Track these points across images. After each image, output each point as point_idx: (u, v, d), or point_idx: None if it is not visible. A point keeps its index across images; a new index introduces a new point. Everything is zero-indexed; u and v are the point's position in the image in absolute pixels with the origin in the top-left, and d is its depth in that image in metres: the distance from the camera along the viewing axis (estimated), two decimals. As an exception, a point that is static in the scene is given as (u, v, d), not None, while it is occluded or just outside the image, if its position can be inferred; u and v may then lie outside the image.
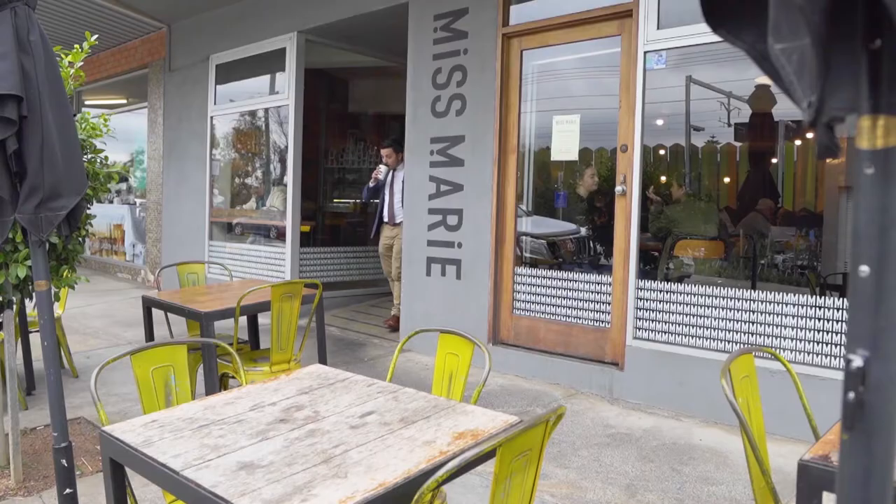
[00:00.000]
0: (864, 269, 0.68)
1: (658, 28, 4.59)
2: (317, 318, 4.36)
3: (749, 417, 2.05)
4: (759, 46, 0.83)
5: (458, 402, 2.02)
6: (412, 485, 1.49)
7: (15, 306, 4.23)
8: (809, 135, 4.45)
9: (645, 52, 4.66)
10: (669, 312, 4.58)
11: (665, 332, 4.59)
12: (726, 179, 5.06)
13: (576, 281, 5.17)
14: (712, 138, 4.88)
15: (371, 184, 7.03)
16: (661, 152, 4.98)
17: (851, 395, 0.72)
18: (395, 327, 6.80)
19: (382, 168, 6.92)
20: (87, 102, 11.94)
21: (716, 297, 4.40)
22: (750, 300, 4.27)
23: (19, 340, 4.72)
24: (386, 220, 6.94)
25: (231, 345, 3.84)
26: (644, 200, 4.77)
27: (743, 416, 1.80)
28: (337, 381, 2.27)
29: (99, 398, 2.09)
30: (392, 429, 1.82)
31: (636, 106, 4.69)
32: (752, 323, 4.26)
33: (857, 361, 0.70)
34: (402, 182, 6.62)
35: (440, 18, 5.83)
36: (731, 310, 4.34)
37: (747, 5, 0.83)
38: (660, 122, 4.90)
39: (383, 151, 6.98)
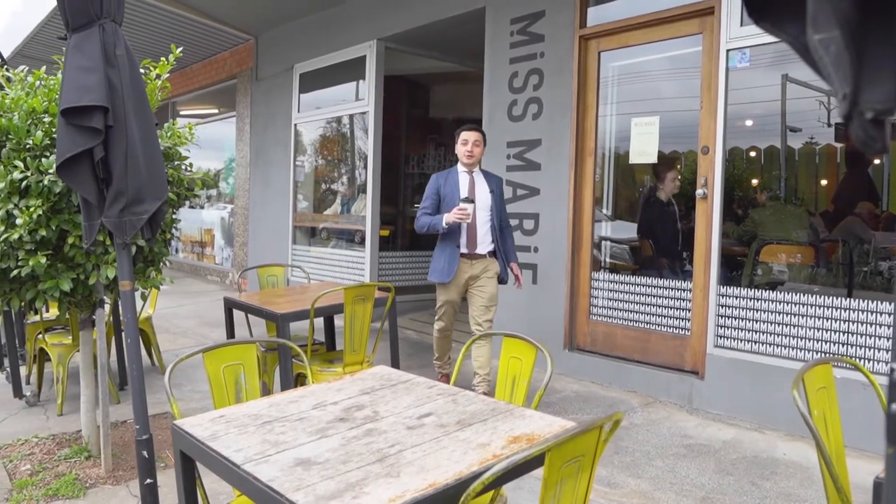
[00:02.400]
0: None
1: (741, 25, 4.43)
2: (389, 320, 4.42)
3: (826, 431, 1.95)
4: (802, 39, 0.80)
5: (516, 406, 2.01)
6: (462, 486, 1.49)
7: (108, 306, 4.49)
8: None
9: (727, 51, 4.50)
10: (754, 320, 4.40)
11: (748, 341, 4.41)
12: (823, 182, 4.79)
13: (654, 286, 5.04)
14: (811, 139, 4.64)
15: (445, 225, 4.43)
16: (752, 154, 4.78)
17: (895, 406, 0.68)
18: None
19: (468, 207, 4.37)
20: (181, 112, 12.55)
21: (805, 304, 4.19)
22: (842, 308, 4.05)
23: (113, 338, 4.99)
24: (465, 250, 4.53)
25: (305, 345, 3.96)
26: (728, 204, 4.61)
27: (816, 429, 1.71)
28: (399, 382, 2.30)
29: (173, 394, 2.19)
30: (448, 431, 1.83)
31: (718, 106, 4.53)
32: (845, 332, 4.04)
33: (900, 371, 0.66)
34: (493, 192, 4.64)
35: (517, 22, 5.82)
36: (821, 318, 4.12)
37: (789, -3, 0.80)
38: (744, 122, 4.72)
39: (469, 136, 4.60)
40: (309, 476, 1.55)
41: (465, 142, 4.60)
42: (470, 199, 4.42)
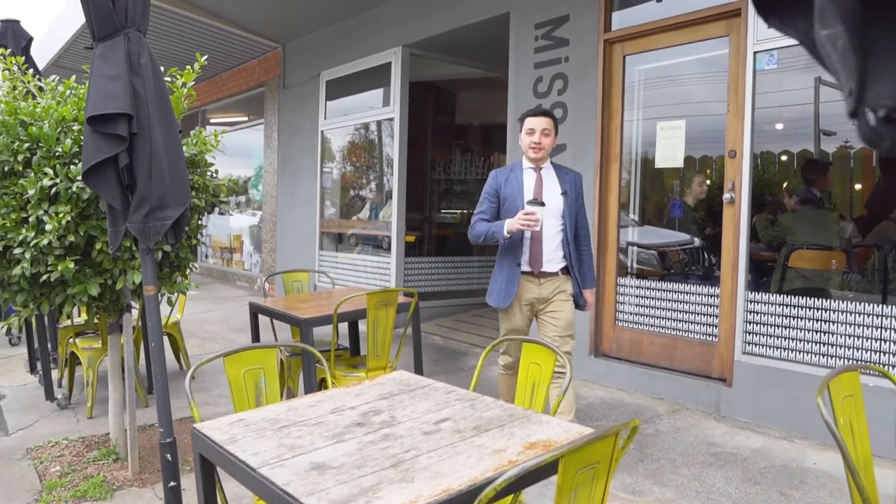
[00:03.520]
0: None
1: (769, 27, 4.35)
2: (413, 326, 4.42)
3: (853, 440, 1.90)
4: (811, 35, 0.78)
5: (533, 412, 1.99)
6: (476, 492, 1.47)
7: (136, 311, 4.56)
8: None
9: (755, 53, 4.44)
10: (783, 327, 4.32)
11: (778, 348, 4.33)
12: (858, 186, 4.68)
13: (681, 292, 4.97)
14: (845, 143, 4.54)
15: (507, 234, 3.51)
16: (784, 158, 4.69)
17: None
18: None
19: (538, 210, 3.43)
20: (211, 120, 12.72)
21: (837, 311, 4.11)
22: (874, 315, 3.96)
23: (142, 343, 5.05)
24: (528, 268, 3.66)
25: (328, 350, 3.97)
26: (756, 209, 4.53)
27: (841, 437, 1.67)
28: (417, 387, 2.29)
29: (194, 397, 2.20)
30: (464, 436, 1.82)
31: (745, 109, 4.47)
32: (878, 340, 3.94)
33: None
34: (565, 193, 3.70)
35: (541, 27, 5.80)
36: (854, 325, 4.03)
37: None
38: (773, 125, 4.64)
39: (536, 123, 3.63)
40: (323, 480, 1.56)
41: (532, 131, 3.63)
42: (539, 202, 3.49)
